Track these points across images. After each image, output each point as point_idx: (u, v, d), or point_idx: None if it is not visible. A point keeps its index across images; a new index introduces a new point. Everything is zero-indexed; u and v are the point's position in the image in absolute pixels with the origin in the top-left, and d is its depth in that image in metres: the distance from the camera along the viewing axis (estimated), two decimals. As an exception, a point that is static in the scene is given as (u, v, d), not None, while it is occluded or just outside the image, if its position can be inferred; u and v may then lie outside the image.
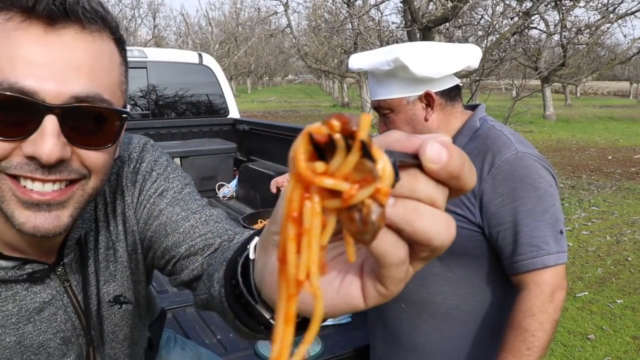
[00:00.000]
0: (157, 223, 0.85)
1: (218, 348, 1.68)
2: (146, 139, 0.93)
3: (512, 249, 1.20)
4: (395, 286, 0.35)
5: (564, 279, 1.20)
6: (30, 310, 0.77)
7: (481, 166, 1.23)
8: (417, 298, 1.33)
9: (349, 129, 0.29)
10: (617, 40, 31.50)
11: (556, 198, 1.21)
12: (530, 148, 1.25)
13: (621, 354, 3.22)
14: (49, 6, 0.61)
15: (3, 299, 0.74)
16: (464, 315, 1.29)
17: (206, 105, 4.44)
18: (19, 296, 0.76)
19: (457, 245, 1.26)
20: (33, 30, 0.62)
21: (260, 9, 26.44)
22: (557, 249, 1.18)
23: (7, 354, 0.76)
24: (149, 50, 4.15)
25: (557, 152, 11.07)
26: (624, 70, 32.26)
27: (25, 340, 0.77)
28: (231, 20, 27.73)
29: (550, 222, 1.18)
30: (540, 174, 1.20)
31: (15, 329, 0.76)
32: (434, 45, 1.34)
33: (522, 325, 1.16)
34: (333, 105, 24.63)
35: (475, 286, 1.28)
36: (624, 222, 5.96)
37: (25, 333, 0.77)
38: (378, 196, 0.29)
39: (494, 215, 1.20)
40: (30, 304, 0.77)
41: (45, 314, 0.79)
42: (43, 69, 0.61)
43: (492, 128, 1.30)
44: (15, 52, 0.61)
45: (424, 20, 6.84)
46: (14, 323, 0.76)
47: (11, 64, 0.61)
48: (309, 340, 0.31)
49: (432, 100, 1.31)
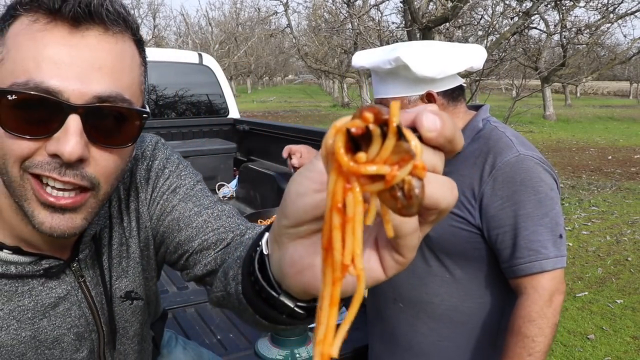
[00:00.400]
0: (169, 218, 0.87)
1: (218, 348, 1.68)
2: (157, 138, 0.96)
3: (510, 252, 1.19)
4: (411, 252, 0.39)
5: (563, 283, 1.19)
6: (45, 306, 0.79)
7: (482, 168, 1.22)
8: (416, 298, 1.33)
9: (381, 117, 0.33)
10: (617, 40, 31.53)
11: (556, 202, 1.21)
12: (533, 150, 1.24)
13: (621, 354, 3.22)
14: (75, 8, 0.63)
15: (20, 294, 0.76)
16: (462, 318, 1.29)
17: (206, 105, 4.44)
18: (34, 291, 0.77)
19: (456, 247, 1.26)
20: (58, 31, 0.64)
21: (260, 9, 26.48)
22: (556, 253, 1.17)
23: (22, 348, 0.77)
24: (149, 50, 4.06)
25: (557, 152, 11.07)
26: (624, 70, 32.26)
27: (40, 335, 0.79)
28: (231, 20, 27.74)
29: (550, 226, 1.17)
30: (542, 177, 1.19)
31: (31, 323, 0.78)
32: (437, 44, 1.33)
33: (521, 331, 1.16)
34: (333, 105, 24.62)
35: (473, 289, 1.28)
36: (624, 222, 5.97)
37: (41, 328, 0.79)
38: (417, 171, 0.33)
39: (493, 217, 1.20)
40: (45, 299, 0.79)
41: (60, 309, 0.80)
42: (67, 69, 0.63)
43: (495, 129, 1.29)
44: (40, 52, 0.63)
45: (424, 20, 6.84)
46: (29, 318, 0.77)
47: (37, 64, 0.63)
48: (351, 319, 0.34)
49: (434, 101, 1.30)
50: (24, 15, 0.65)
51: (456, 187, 0.38)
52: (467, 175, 1.24)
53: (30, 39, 0.64)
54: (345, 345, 1.67)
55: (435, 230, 1.27)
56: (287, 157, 1.86)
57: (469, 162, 1.26)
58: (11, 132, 0.64)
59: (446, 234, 1.25)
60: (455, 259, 1.27)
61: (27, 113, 0.63)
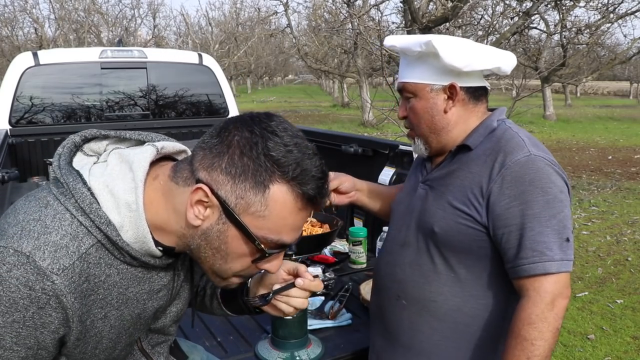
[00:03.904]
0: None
1: (218, 351, 1.67)
2: None
3: (515, 252, 1.18)
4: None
5: (567, 288, 1.17)
6: (155, 290, 0.94)
7: (492, 166, 1.22)
8: (419, 296, 1.32)
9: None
10: (617, 40, 31.53)
11: (565, 205, 1.19)
12: (545, 152, 1.23)
13: (621, 354, 3.21)
14: (323, 201, 0.86)
15: (144, 280, 0.91)
16: (465, 318, 1.28)
17: (206, 106, 4.44)
18: (152, 279, 0.92)
19: (461, 244, 1.25)
20: (305, 214, 0.86)
21: (260, 9, 26.42)
22: (561, 257, 1.15)
23: (129, 322, 0.92)
24: (148, 51, 4.15)
25: (557, 152, 11.07)
26: (624, 70, 32.22)
27: (143, 312, 0.94)
28: (231, 20, 27.69)
29: (557, 229, 1.16)
30: (552, 179, 1.18)
31: (143, 303, 0.92)
32: (470, 41, 1.34)
33: (521, 334, 1.14)
34: (333, 105, 24.61)
35: (477, 289, 1.27)
36: (624, 222, 5.96)
37: (147, 307, 0.94)
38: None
39: (499, 216, 1.19)
40: (156, 285, 0.94)
41: (160, 294, 0.96)
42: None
43: (508, 129, 1.29)
44: (291, 224, 0.86)
45: (424, 20, 6.84)
46: (144, 299, 0.92)
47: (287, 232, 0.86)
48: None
49: (456, 93, 1.30)
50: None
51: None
52: (476, 172, 1.24)
53: (294, 214, 0.84)
54: (346, 348, 1.67)
55: (442, 227, 1.27)
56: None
57: (479, 159, 1.26)
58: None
59: (452, 231, 1.25)
60: (460, 257, 1.27)
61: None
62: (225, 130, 0.83)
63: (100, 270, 0.83)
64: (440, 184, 1.32)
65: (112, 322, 0.88)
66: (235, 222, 0.82)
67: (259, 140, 0.80)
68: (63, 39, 20.16)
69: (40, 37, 19.91)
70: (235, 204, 0.81)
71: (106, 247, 0.83)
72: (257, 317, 1.89)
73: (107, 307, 0.86)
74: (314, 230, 1.61)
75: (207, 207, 0.82)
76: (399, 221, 1.43)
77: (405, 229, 1.38)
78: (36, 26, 20.49)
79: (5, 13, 20.48)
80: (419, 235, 1.33)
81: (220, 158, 0.81)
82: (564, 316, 1.18)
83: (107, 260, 0.84)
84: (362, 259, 2.33)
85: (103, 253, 0.83)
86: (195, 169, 0.83)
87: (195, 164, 0.84)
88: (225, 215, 0.82)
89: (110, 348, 0.91)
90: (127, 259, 0.86)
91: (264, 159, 0.79)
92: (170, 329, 1.10)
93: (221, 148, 0.82)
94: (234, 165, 0.80)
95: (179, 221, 0.85)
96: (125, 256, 0.85)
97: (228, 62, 23.77)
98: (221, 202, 0.81)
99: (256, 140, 0.80)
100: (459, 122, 1.33)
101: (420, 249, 1.32)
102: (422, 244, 1.32)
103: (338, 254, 2.39)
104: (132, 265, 0.87)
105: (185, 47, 25.84)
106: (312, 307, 1.88)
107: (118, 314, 0.88)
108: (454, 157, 1.33)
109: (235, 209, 0.81)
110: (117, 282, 0.86)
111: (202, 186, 0.81)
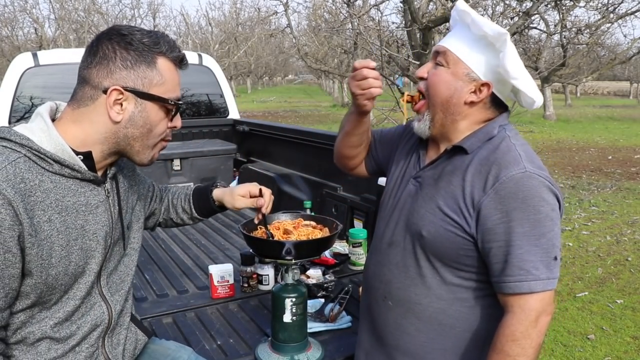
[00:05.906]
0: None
1: (218, 354, 1.67)
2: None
3: (501, 268, 1.18)
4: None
5: (551, 305, 1.17)
6: (92, 205, 1.11)
7: (485, 178, 1.20)
8: (404, 298, 1.32)
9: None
10: (617, 40, 31.53)
11: (556, 223, 1.18)
12: (540, 168, 1.21)
13: (621, 354, 3.22)
14: (185, 62, 1.21)
15: (80, 193, 1.09)
16: (450, 321, 1.28)
17: (206, 106, 4.44)
18: (87, 193, 1.10)
19: (448, 251, 1.25)
20: (179, 73, 1.20)
21: (260, 9, 26.38)
22: (547, 275, 1.15)
23: (75, 233, 1.07)
24: (148, 51, 4.14)
25: (557, 152, 11.07)
26: (624, 70, 32.20)
27: (87, 225, 1.10)
28: (231, 20, 27.66)
29: (545, 248, 1.15)
30: (544, 197, 1.17)
31: (84, 215, 1.09)
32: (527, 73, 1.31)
33: (504, 350, 1.15)
34: (333, 105, 24.60)
35: (463, 293, 1.27)
36: (624, 222, 5.97)
37: (88, 220, 1.10)
38: None
39: (489, 230, 1.18)
40: (92, 200, 1.11)
41: (99, 210, 1.13)
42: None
43: (506, 139, 1.27)
44: (177, 81, 1.19)
45: (424, 20, 6.83)
46: (83, 211, 1.09)
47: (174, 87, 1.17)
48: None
49: (483, 92, 1.28)
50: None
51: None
52: (469, 181, 1.23)
53: (172, 70, 1.16)
54: (346, 350, 1.67)
55: (430, 232, 1.26)
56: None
57: (473, 167, 1.24)
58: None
59: (440, 237, 1.24)
60: (446, 262, 1.26)
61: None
62: (96, 48, 1.07)
63: (33, 175, 1.00)
64: (432, 184, 1.31)
65: (58, 226, 1.03)
66: (150, 97, 1.09)
67: (130, 38, 1.07)
68: (63, 39, 20.16)
69: (40, 37, 19.90)
70: (143, 84, 1.08)
71: (32, 159, 1.01)
72: (257, 321, 1.89)
73: (48, 210, 1.02)
74: (314, 234, 1.61)
75: (122, 102, 1.07)
76: (387, 217, 1.43)
77: (394, 226, 1.38)
78: (36, 26, 20.50)
79: (5, 13, 20.53)
80: (407, 235, 1.33)
81: (113, 63, 1.06)
82: (545, 332, 1.18)
83: (37, 170, 1.01)
84: (362, 261, 2.32)
85: (31, 164, 1.01)
86: (97, 84, 1.06)
87: (93, 82, 1.06)
88: (141, 97, 1.08)
89: (64, 258, 1.04)
90: (55, 169, 1.03)
91: (142, 46, 1.07)
92: (127, 277, 1.27)
93: (105, 58, 1.06)
94: (126, 60, 1.06)
95: (99, 129, 1.08)
96: (52, 164, 1.03)
97: (228, 62, 23.77)
98: (133, 90, 1.07)
99: (128, 39, 1.06)
100: (467, 118, 1.30)
101: (407, 250, 1.32)
102: (409, 245, 1.32)
103: (338, 255, 2.39)
104: (62, 175, 1.05)
105: (185, 47, 25.82)
106: (312, 309, 1.88)
107: (61, 218, 1.04)
108: (450, 158, 1.32)
109: (145, 89, 1.08)
110: (52, 189, 1.03)
111: (114, 88, 1.05)
